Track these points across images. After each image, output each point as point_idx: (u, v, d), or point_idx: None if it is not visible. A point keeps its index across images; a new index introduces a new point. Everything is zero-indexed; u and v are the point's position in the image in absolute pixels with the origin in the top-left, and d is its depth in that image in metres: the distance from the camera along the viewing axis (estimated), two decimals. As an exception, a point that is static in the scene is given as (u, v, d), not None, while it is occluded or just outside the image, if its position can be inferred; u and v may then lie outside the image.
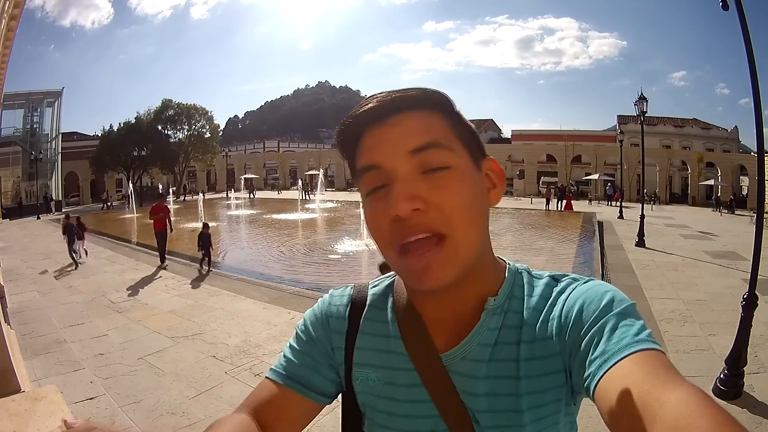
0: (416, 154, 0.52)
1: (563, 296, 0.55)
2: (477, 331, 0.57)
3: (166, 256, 8.99)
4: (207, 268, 8.20)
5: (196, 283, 7.33)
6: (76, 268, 8.75)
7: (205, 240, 8.24)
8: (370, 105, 0.54)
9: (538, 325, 0.55)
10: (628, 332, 0.46)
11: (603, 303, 0.50)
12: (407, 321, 0.60)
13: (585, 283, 0.56)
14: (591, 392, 0.45)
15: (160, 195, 10.66)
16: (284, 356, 0.64)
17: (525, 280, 0.60)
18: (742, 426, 0.34)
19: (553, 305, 0.55)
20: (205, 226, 8.59)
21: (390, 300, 0.64)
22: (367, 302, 0.66)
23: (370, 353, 0.62)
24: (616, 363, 0.43)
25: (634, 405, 0.39)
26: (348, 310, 0.65)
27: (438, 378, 0.57)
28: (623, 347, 0.44)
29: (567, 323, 0.51)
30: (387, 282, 0.67)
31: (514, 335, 0.56)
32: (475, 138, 0.58)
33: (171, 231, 9.21)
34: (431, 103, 0.55)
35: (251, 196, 32.45)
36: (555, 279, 0.59)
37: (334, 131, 0.59)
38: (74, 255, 9.05)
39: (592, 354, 0.46)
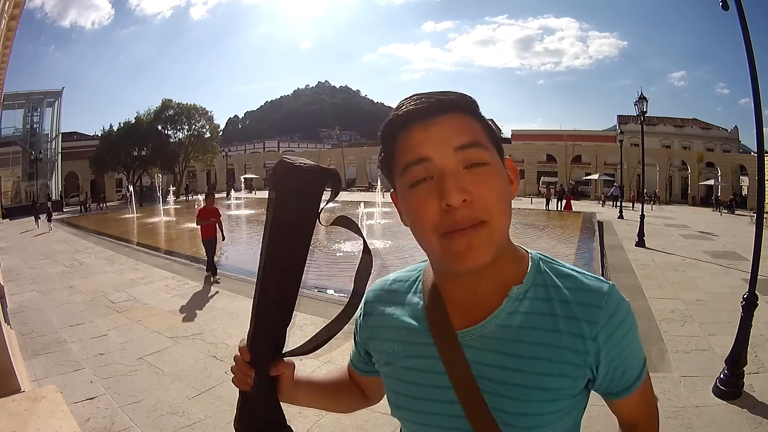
0: (461, 150, 0.59)
1: (577, 296, 0.63)
2: (497, 314, 0.64)
3: (216, 266, 7.79)
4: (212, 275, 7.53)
5: (196, 283, 7.32)
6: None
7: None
8: (416, 105, 0.60)
9: (557, 315, 0.63)
10: (640, 360, 0.67)
11: (610, 318, 0.63)
12: (431, 302, 0.69)
13: (594, 291, 0.64)
14: (610, 402, 0.69)
15: (209, 194, 8.27)
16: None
17: (549, 269, 0.67)
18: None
19: (570, 302, 0.63)
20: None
21: (417, 285, 0.73)
22: (388, 287, 0.77)
23: (395, 330, 0.71)
24: (630, 392, 0.66)
25: (638, 419, 0.72)
26: (376, 294, 0.78)
27: (454, 353, 0.64)
28: (637, 378, 0.66)
29: (590, 333, 0.61)
30: (419, 267, 0.77)
31: (532, 320, 0.63)
32: (499, 139, 0.66)
33: (223, 239, 8.00)
34: (468, 107, 0.63)
35: None
36: (578, 274, 0.66)
37: (380, 127, 0.65)
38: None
39: (615, 378, 0.65)
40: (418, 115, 0.60)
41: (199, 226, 7.78)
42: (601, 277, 0.66)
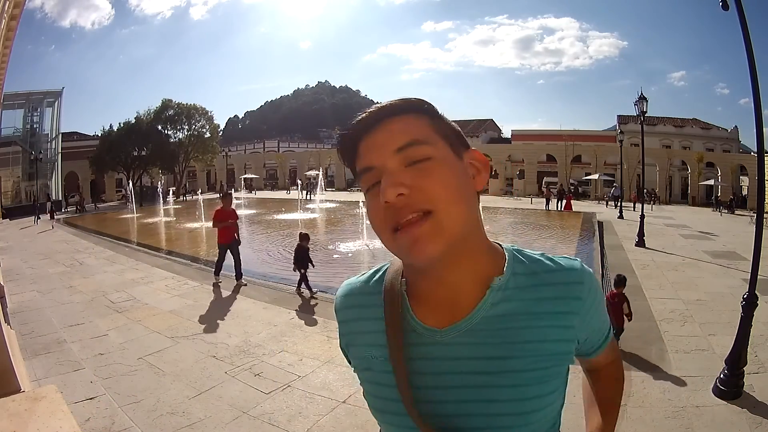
0: (401, 151, 0.61)
1: (558, 277, 0.68)
2: (482, 306, 0.65)
3: (242, 270, 7.13)
4: (309, 292, 6.29)
5: (196, 283, 7.32)
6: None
7: (302, 256, 6.45)
8: (361, 117, 0.64)
9: (539, 298, 0.66)
10: (606, 318, 0.78)
11: (598, 300, 0.72)
12: (388, 302, 0.69)
13: (576, 270, 0.70)
14: (584, 360, 0.84)
15: (225, 194, 7.64)
16: None
17: (523, 258, 0.70)
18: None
19: (550, 283, 0.67)
20: (304, 237, 6.69)
21: (380, 285, 0.73)
22: (358, 290, 0.76)
23: (371, 335, 0.71)
24: (604, 347, 0.80)
25: (605, 364, 0.85)
26: (346, 299, 0.77)
27: (397, 355, 0.65)
28: (607, 335, 0.79)
29: (577, 308, 0.67)
30: (377, 270, 0.77)
31: (514, 307, 0.65)
32: (456, 133, 0.67)
33: (239, 243, 7.31)
34: (412, 109, 0.64)
35: (309, 197, 28.34)
36: (548, 259, 0.71)
37: (335, 142, 0.69)
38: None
39: (592, 340, 0.76)
40: (363, 127, 0.64)
41: (216, 229, 7.18)
42: (568, 256, 0.72)
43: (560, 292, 0.67)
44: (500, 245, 0.72)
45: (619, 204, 18.90)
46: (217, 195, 35.48)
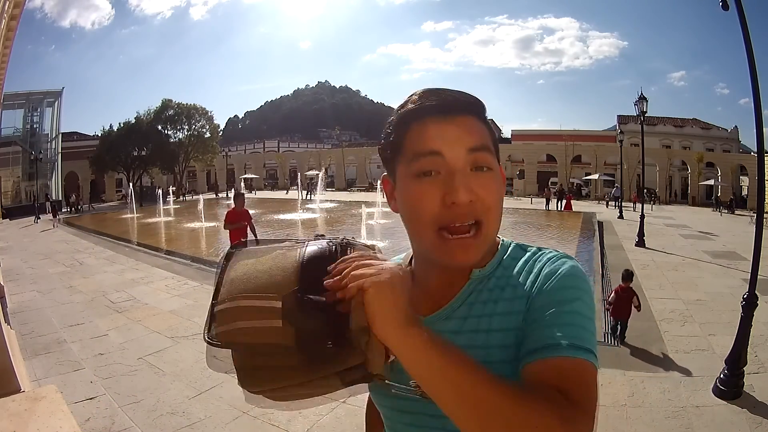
0: (472, 152, 0.61)
1: (538, 264, 0.64)
2: (460, 295, 0.66)
3: None
4: None
5: (196, 283, 7.32)
6: None
7: None
8: (435, 99, 0.62)
9: (516, 285, 0.64)
10: (568, 327, 0.55)
11: (562, 286, 0.59)
12: None
13: (559, 259, 0.64)
14: (519, 365, 0.55)
15: (238, 195, 7.21)
16: None
17: (513, 252, 0.69)
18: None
19: (530, 271, 0.64)
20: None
21: None
22: None
23: None
24: (545, 358, 0.53)
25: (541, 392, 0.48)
26: None
27: None
28: (553, 346, 0.53)
29: (531, 292, 0.61)
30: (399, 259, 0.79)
31: (494, 295, 0.64)
32: (498, 143, 0.68)
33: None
34: (480, 111, 0.65)
35: (309, 197, 27.70)
36: (539, 249, 0.68)
37: (394, 113, 0.66)
38: None
39: (534, 337, 0.56)
40: (435, 110, 0.62)
41: (227, 231, 6.75)
42: (563, 252, 0.66)
43: (535, 276, 0.62)
44: (501, 239, 0.72)
45: (618, 204, 18.90)
46: (220, 195, 35.59)
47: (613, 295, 4.72)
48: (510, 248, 0.70)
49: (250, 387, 0.56)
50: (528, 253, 0.68)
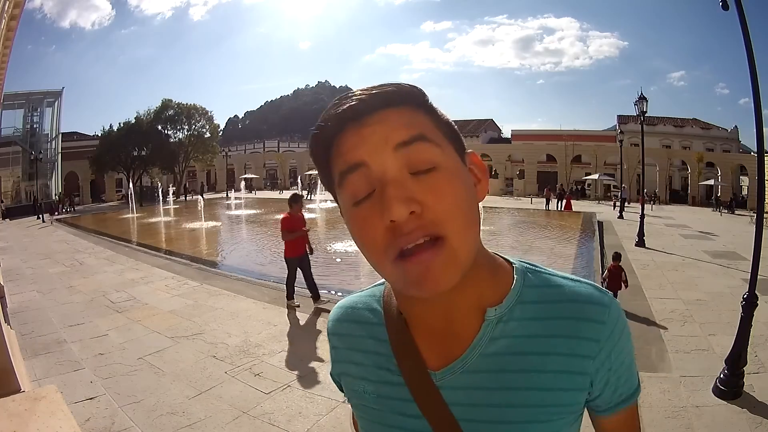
0: (402, 148, 0.48)
1: (575, 310, 0.55)
2: (478, 343, 0.55)
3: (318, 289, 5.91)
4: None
5: (196, 283, 7.32)
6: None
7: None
8: (348, 104, 0.50)
9: (551, 337, 0.54)
10: (633, 376, 0.61)
11: (611, 333, 0.56)
12: (396, 335, 0.59)
13: (595, 303, 0.56)
14: (594, 418, 0.62)
15: (295, 198, 5.86)
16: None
17: (537, 282, 0.58)
18: None
19: (563, 318, 0.55)
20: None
21: (378, 313, 0.63)
22: (349, 317, 0.66)
23: (363, 368, 0.62)
24: (618, 410, 0.60)
25: None
26: (338, 325, 0.68)
27: (428, 394, 0.56)
28: (630, 396, 0.61)
29: (591, 351, 0.55)
30: (373, 293, 0.66)
31: (522, 344, 0.54)
32: (456, 133, 0.55)
33: (311, 252, 6.01)
34: (410, 99, 0.52)
35: (309, 197, 27.38)
36: (569, 284, 0.57)
37: (309, 137, 0.55)
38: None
39: (607, 392, 0.58)
40: (347, 118, 0.50)
41: (283, 241, 5.81)
42: (598, 285, 0.58)
43: (574, 329, 0.54)
44: (509, 261, 0.60)
45: (622, 205, 18.90)
46: (220, 195, 35.57)
47: (606, 273, 5.76)
48: (526, 274, 0.59)
49: None
50: (555, 285, 0.57)
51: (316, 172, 0.59)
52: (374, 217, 0.48)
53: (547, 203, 21.81)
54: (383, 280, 0.64)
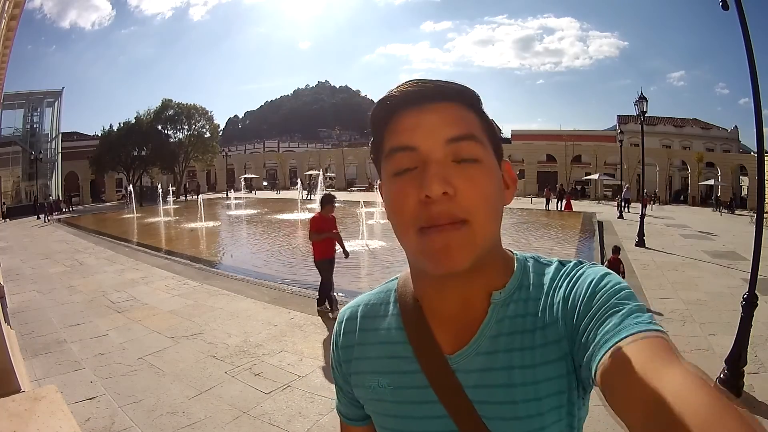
0: (452, 143, 0.54)
1: (567, 279, 0.57)
2: (486, 325, 0.58)
3: (334, 295, 5.64)
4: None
5: (196, 283, 7.32)
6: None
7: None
8: (411, 88, 0.56)
9: (546, 309, 0.57)
10: (629, 315, 0.47)
11: (606, 287, 0.52)
12: (413, 324, 0.62)
13: (590, 267, 0.58)
14: (593, 373, 0.46)
15: (326, 197, 5.60)
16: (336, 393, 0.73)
17: (533, 269, 0.61)
18: (735, 408, 0.36)
19: (558, 288, 0.57)
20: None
21: (393, 305, 0.66)
22: (360, 313, 0.68)
23: (377, 361, 0.64)
24: (617, 343, 0.44)
25: (635, 387, 0.39)
26: (348, 323, 0.69)
27: (444, 378, 0.58)
28: (625, 327, 0.45)
29: (573, 306, 0.53)
30: (388, 288, 0.69)
31: (525, 323, 0.57)
32: (499, 139, 0.60)
33: (346, 255, 5.86)
34: (467, 99, 0.57)
35: (309, 197, 27.45)
36: (562, 264, 0.61)
37: (371, 110, 0.60)
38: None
39: (595, 335, 0.48)
40: (410, 100, 0.55)
41: (311, 242, 5.56)
42: (584, 260, 0.60)
43: (552, 297, 0.57)
44: (514, 253, 0.64)
45: (625, 205, 18.87)
46: (220, 195, 35.57)
47: (606, 264, 6.04)
48: (527, 263, 0.62)
49: None
50: (552, 267, 0.60)
51: (316, 172, 0.60)
52: (411, 188, 0.53)
53: (547, 203, 21.80)
54: (395, 277, 0.69)
